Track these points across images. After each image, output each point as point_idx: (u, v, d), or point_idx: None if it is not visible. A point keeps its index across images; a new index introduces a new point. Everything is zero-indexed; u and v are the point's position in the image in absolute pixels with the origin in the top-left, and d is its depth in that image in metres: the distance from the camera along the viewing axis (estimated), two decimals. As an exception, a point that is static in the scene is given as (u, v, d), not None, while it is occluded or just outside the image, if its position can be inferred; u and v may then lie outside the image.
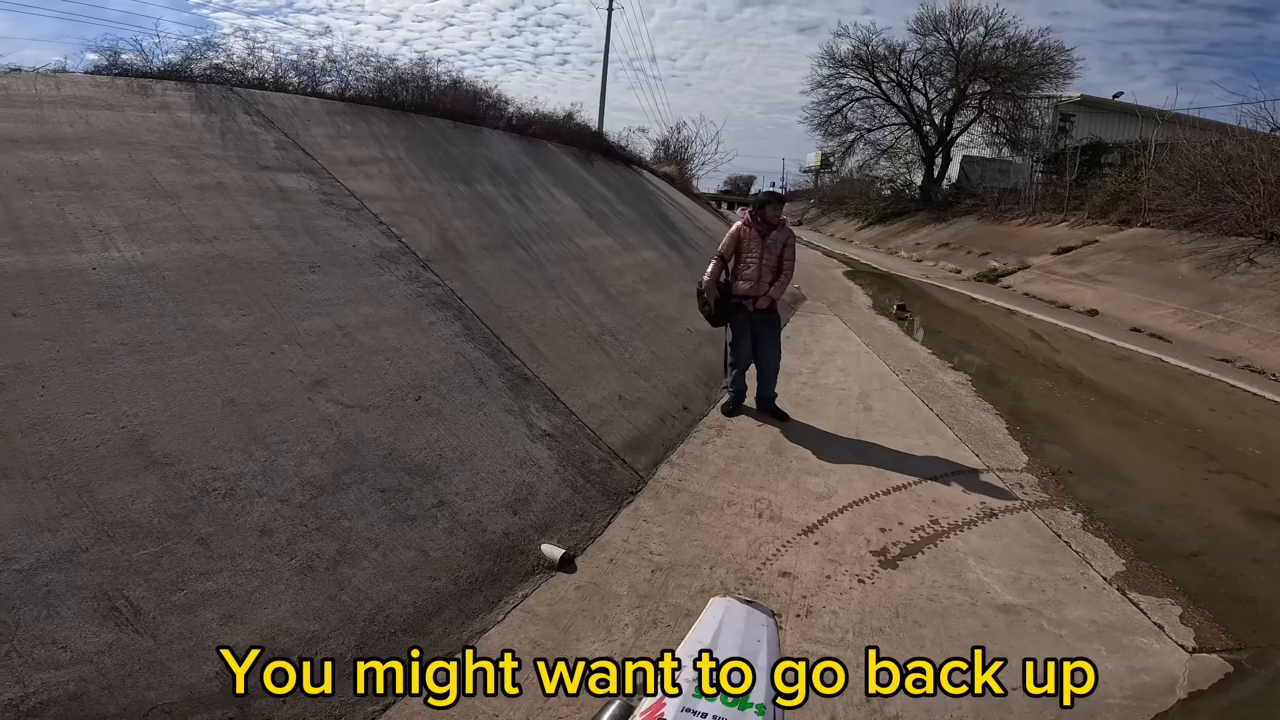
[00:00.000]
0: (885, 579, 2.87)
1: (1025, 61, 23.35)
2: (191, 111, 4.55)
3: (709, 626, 1.18)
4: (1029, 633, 2.56)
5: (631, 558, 2.91)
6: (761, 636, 1.17)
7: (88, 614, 1.84)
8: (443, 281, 4.33)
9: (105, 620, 1.85)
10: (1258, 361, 7.48)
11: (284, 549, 2.28)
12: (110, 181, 3.45)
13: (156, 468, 2.28)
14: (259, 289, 3.31)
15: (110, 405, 2.38)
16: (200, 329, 2.89)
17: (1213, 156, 12.27)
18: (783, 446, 4.26)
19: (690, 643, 1.14)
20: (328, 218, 4.22)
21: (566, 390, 4.05)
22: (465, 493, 2.92)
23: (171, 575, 2.03)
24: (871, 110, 28.38)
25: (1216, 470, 4.40)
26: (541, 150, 9.14)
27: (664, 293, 6.97)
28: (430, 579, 2.46)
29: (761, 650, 1.13)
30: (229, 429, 2.55)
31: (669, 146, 22.53)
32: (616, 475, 3.54)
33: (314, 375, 3.02)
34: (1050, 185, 18.93)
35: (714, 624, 1.18)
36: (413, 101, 7.18)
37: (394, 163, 5.62)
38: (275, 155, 4.58)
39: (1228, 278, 9.88)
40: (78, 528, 2.01)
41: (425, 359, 3.56)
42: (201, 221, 3.53)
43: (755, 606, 1.25)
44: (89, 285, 2.80)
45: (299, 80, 6.30)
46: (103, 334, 2.62)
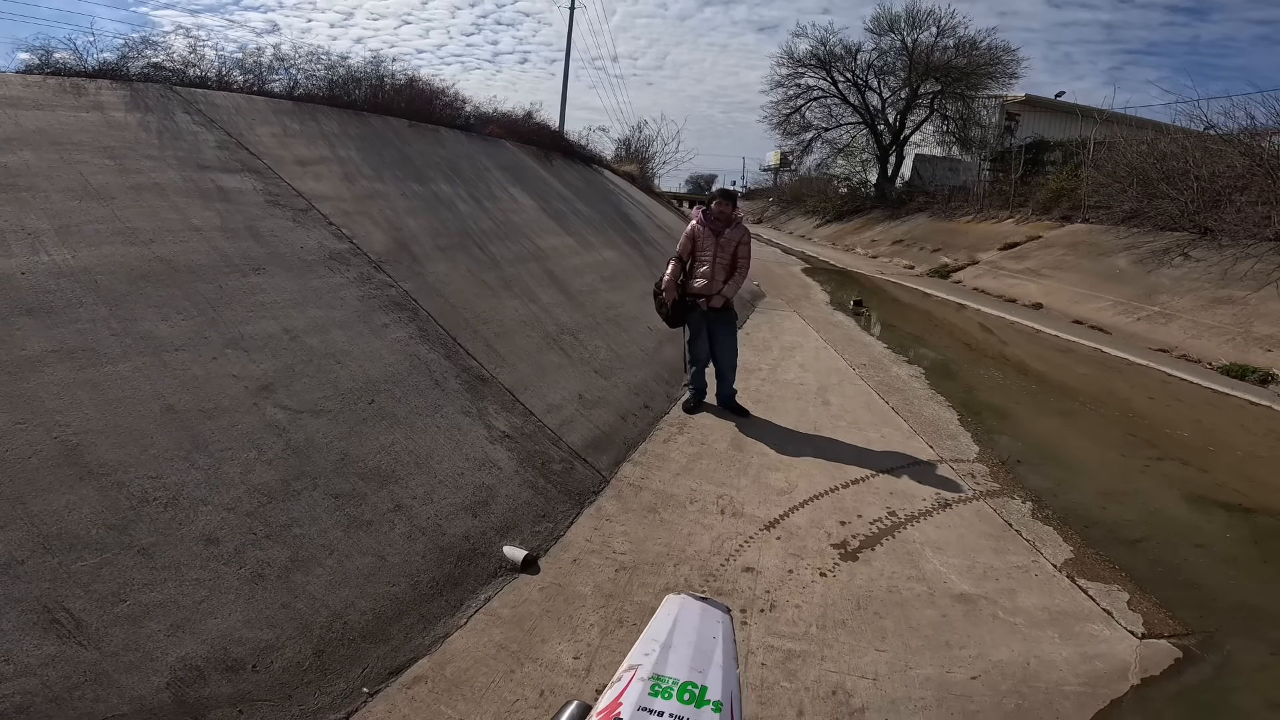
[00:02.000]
0: (846, 571, 2.91)
1: (974, 61, 24.09)
2: (127, 111, 4.36)
3: (664, 625, 1.17)
4: (985, 621, 2.62)
5: (595, 557, 2.89)
6: (717, 633, 1.17)
7: (28, 626, 1.77)
8: (396, 283, 4.23)
9: (46, 632, 1.77)
10: (1193, 351, 7.84)
11: (232, 558, 2.20)
12: (40, 183, 3.28)
13: (93, 478, 2.17)
14: (199, 292, 3.18)
15: (42, 415, 2.26)
16: (135, 334, 2.76)
17: (1148, 154, 12.80)
18: (744, 443, 4.29)
19: (646, 640, 1.13)
20: (273, 219, 4.09)
21: (525, 391, 4.00)
22: (423, 496, 2.86)
23: (113, 586, 1.95)
24: (829, 110, 28.91)
25: (1157, 457, 4.59)
26: (500, 149, 9.03)
27: (624, 291, 6.96)
28: (389, 584, 2.40)
29: (717, 647, 1.13)
30: (169, 437, 2.45)
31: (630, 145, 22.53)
32: (578, 475, 3.51)
33: (260, 380, 2.92)
34: (997, 183, 19.56)
35: (669, 621, 1.17)
36: (366, 100, 7.01)
37: (345, 162, 5.48)
38: (216, 155, 4.42)
39: (1164, 271, 10.32)
40: (13, 540, 1.92)
41: (379, 362, 3.47)
42: (136, 223, 3.37)
43: (710, 603, 1.24)
44: (17, 291, 2.65)
45: (244, 79, 6.10)
46: (32, 341, 2.48)
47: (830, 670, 2.31)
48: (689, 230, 4.56)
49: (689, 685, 1.03)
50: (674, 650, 1.10)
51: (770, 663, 2.32)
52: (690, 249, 4.53)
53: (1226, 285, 9.05)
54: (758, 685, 2.21)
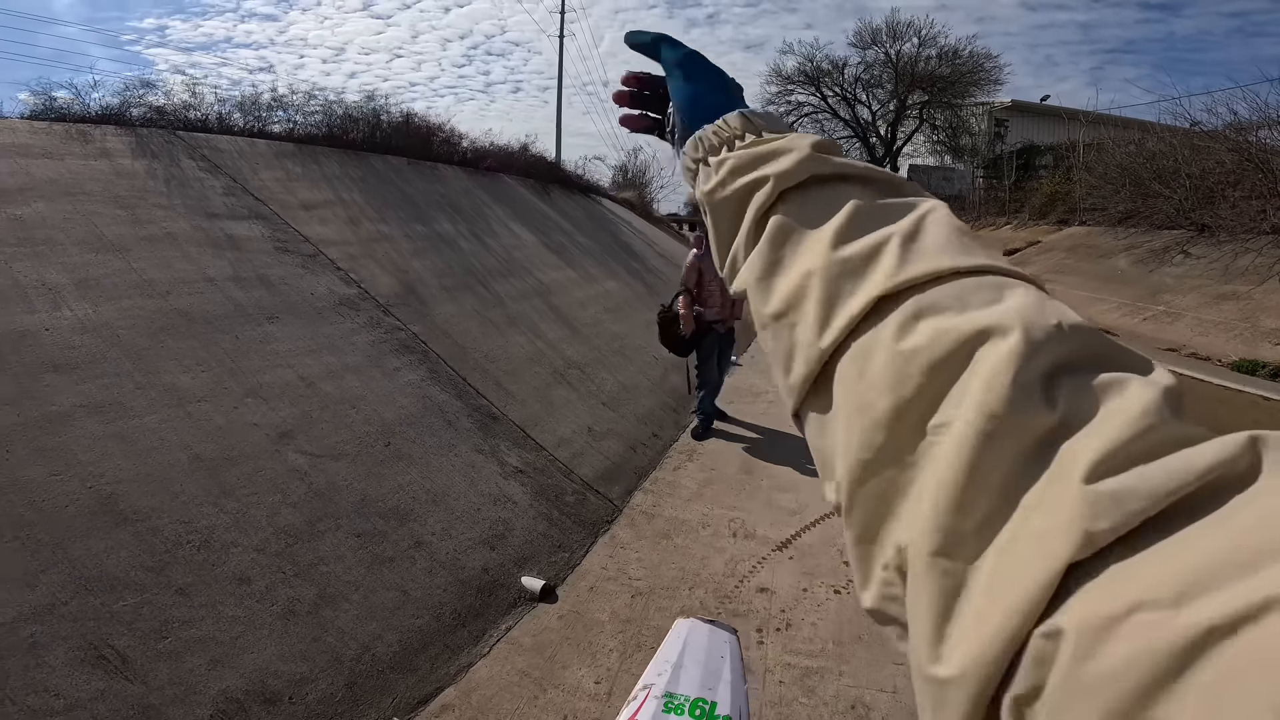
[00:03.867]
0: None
1: (957, 70, 24.36)
2: (133, 158, 4.49)
3: (674, 646, 1.24)
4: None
5: (611, 584, 2.93)
6: (725, 653, 1.23)
7: (75, 662, 1.84)
8: (405, 326, 4.34)
9: (94, 668, 1.85)
10: (1202, 349, 7.84)
11: (264, 595, 2.27)
12: (56, 236, 3.40)
13: (128, 524, 2.26)
14: (216, 343, 3.29)
15: (75, 466, 2.35)
16: (159, 387, 2.86)
17: (1137, 154, 12.89)
18: (753, 466, 4.34)
19: (658, 662, 1.20)
20: (283, 265, 4.21)
21: (536, 426, 4.08)
22: (441, 532, 2.92)
23: (154, 624, 2.03)
24: (820, 125, 29.14)
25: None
26: (498, 184, 9.21)
27: (628, 321, 7.05)
28: (413, 617, 2.46)
29: (725, 665, 1.20)
30: (197, 484, 2.53)
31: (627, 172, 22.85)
32: (591, 505, 3.57)
33: (279, 427, 3.01)
34: (991, 190, 19.70)
35: (679, 644, 1.24)
36: (364, 140, 7.18)
37: (348, 205, 5.62)
38: (224, 202, 4.55)
39: (1165, 270, 10.34)
40: (55, 582, 2.00)
41: (392, 405, 3.56)
42: (152, 275, 3.49)
43: (718, 625, 1.32)
44: (43, 347, 2.76)
45: (244, 121, 6.27)
46: (61, 396, 2.58)
47: (849, 685, 2.34)
48: (691, 262, 4.57)
49: (700, 701, 1.09)
50: (684, 670, 1.17)
51: (788, 680, 2.35)
52: (697, 279, 4.56)
53: (1229, 281, 9.07)
54: (776, 702, 2.25)
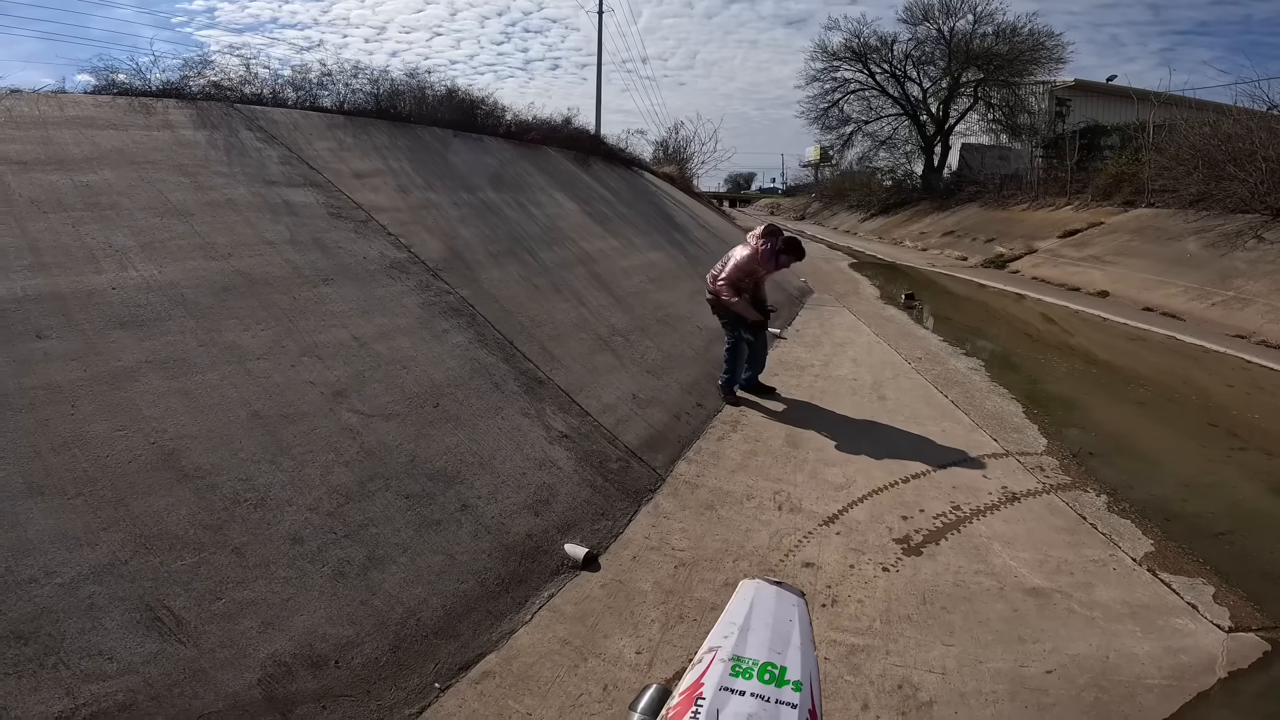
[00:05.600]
0: (910, 566, 2.87)
1: (1016, 48, 23.30)
2: (194, 129, 4.60)
3: (741, 608, 1.19)
4: (1060, 615, 2.55)
5: (654, 554, 2.92)
6: (793, 616, 1.18)
7: (131, 625, 1.87)
8: (453, 289, 4.36)
9: (149, 631, 1.87)
10: (1273, 337, 7.43)
11: (315, 556, 2.30)
12: (122, 201, 3.49)
13: (188, 481, 2.31)
14: (275, 303, 3.35)
15: (140, 422, 2.42)
16: (221, 345, 2.93)
17: (1212, 136, 12.19)
18: (799, 439, 4.27)
19: (724, 624, 1.16)
20: (337, 230, 4.26)
21: (581, 392, 4.07)
22: (487, 496, 2.94)
23: (210, 585, 2.06)
24: (867, 102, 28.36)
25: (1239, 447, 4.37)
26: (541, 155, 9.17)
27: (672, 292, 6.98)
28: (458, 582, 2.48)
29: (794, 629, 1.15)
30: (255, 441, 2.58)
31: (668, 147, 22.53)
32: (635, 473, 3.55)
33: (334, 386, 3.05)
34: (1051, 170, 18.86)
35: (745, 606, 1.20)
36: (411, 112, 7.23)
37: (397, 173, 5.66)
38: (281, 170, 4.63)
39: (1237, 254, 9.80)
40: (116, 541, 2.04)
41: (441, 366, 3.59)
42: (215, 238, 3.57)
43: (785, 587, 1.26)
44: (110, 305, 2.84)
45: (297, 95, 6.35)
46: (127, 353, 2.66)
47: (896, 664, 2.28)
48: (749, 268, 4.61)
49: (769, 665, 1.05)
50: (752, 632, 1.13)
51: (834, 657, 2.31)
52: (751, 284, 4.72)
53: (1305, 267, 8.54)
54: (820, 679, 2.21)
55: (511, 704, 2.06)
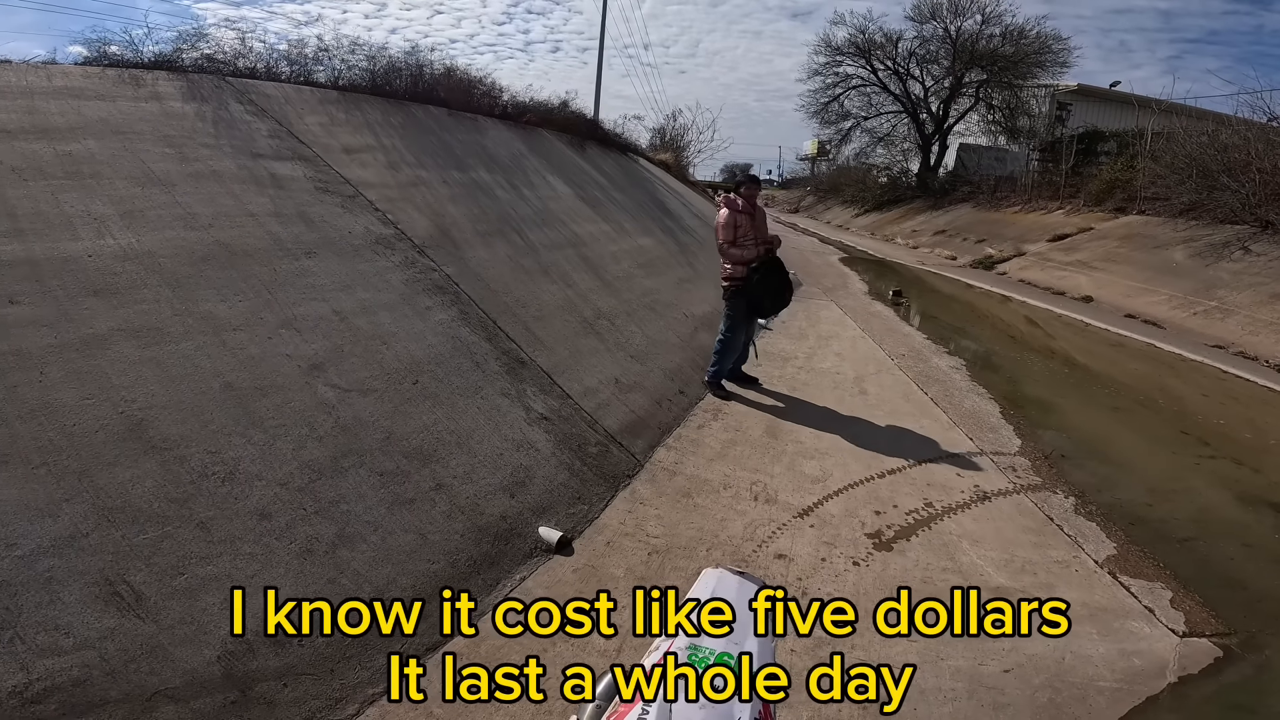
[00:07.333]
0: (880, 561, 2.91)
1: (1022, 50, 23.22)
2: (183, 101, 4.52)
3: (702, 594, 1.20)
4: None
5: (628, 540, 2.94)
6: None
7: (90, 599, 1.85)
8: (439, 267, 4.33)
9: (107, 605, 1.86)
10: (1251, 348, 7.52)
11: (283, 533, 2.30)
12: (104, 170, 3.43)
13: (156, 452, 2.29)
14: (255, 275, 3.31)
15: (109, 390, 2.39)
16: (197, 314, 2.89)
17: (1209, 145, 12.23)
18: (779, 430, 4.29)
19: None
20: (323, 204, 4.21)
21: (563, 374, 4.07)
22: (463, 476, 2.94)
23: (172, 559, 2.05)
24: (868, 98, 28.25)
25: (1209, 455, 4.44)
26: (536, 138, 9.09)
27: (660, 278, 6.97)
28: (429, 562, 2.49)
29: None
30: (227, 413, 2.56)
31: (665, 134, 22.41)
32: (613, 458, 3.56)
33: (311, 359, 3.03)
34: (1046, 173, 18.90)
35: (707, 595, 1.21)
36: (407, 90, 7.12)
37: (389, 150, 5.59)
38: (269, 143, 4.56)
39: (1222, 265, 9.89)
40: (78, 513, 2.01)
41: (422, 343, 3.57)
42: (196, 209, 3.52)
43: (746, 577, 1.27)
44: (85, 273, 2.79)
45: (291, 70, 6.24)
46: (100, 320, 2.62)
47: (860, 659, 2.32)
48: (730, 219, 4.65)
49: (726, 655, 1.06)
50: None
51: (800, 649, 2.34)
52: (735, 234, 4.66)
53: (1290, 280, 8.63)
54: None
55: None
